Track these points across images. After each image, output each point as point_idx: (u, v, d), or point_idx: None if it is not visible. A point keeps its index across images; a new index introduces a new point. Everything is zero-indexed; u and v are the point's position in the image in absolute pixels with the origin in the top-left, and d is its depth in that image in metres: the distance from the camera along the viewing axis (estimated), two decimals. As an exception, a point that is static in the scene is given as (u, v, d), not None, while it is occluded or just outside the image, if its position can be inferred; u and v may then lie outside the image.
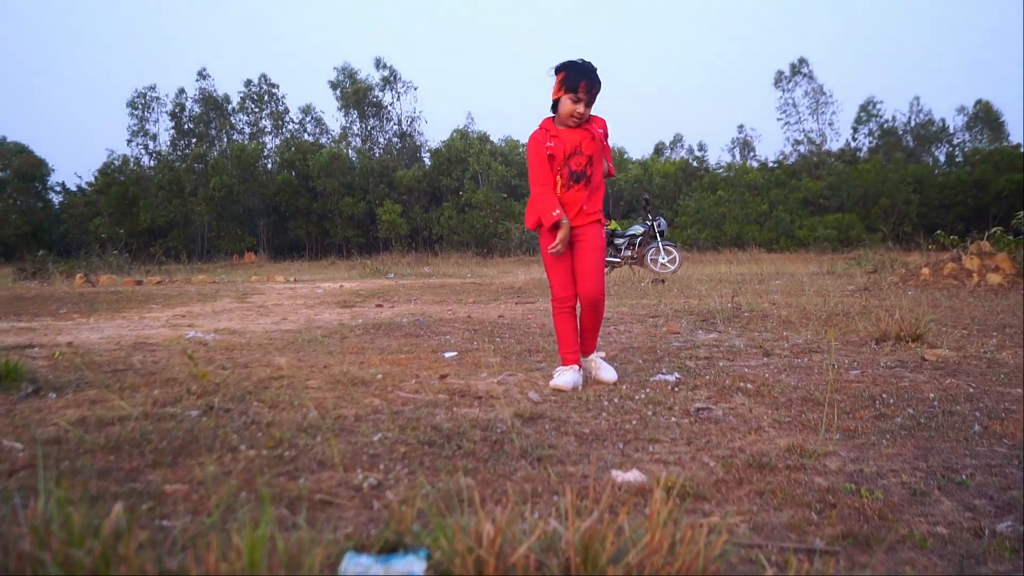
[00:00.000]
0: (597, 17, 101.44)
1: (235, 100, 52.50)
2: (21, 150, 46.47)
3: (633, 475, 2.63)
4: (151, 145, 51.24)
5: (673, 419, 3.46)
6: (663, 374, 4.51)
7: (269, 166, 49.03)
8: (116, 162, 47.86)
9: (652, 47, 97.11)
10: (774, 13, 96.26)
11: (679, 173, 48.41)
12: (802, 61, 51.99)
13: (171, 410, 3.42)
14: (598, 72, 4.19)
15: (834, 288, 10.75)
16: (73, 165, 69.74)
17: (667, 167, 49.50)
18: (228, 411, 3.41)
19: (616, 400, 3.82)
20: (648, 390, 4.06)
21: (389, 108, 53.04)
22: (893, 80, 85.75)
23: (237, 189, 45.34)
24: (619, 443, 3.07)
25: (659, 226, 17.01)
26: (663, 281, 13.21)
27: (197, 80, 52.75)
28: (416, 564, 1.81)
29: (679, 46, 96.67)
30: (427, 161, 51.25)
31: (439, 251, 38.18)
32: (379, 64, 52.78)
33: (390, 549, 1.92)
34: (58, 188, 49.29)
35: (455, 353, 5.27)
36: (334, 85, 52.38)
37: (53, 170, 48.25)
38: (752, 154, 54.91)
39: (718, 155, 72.06)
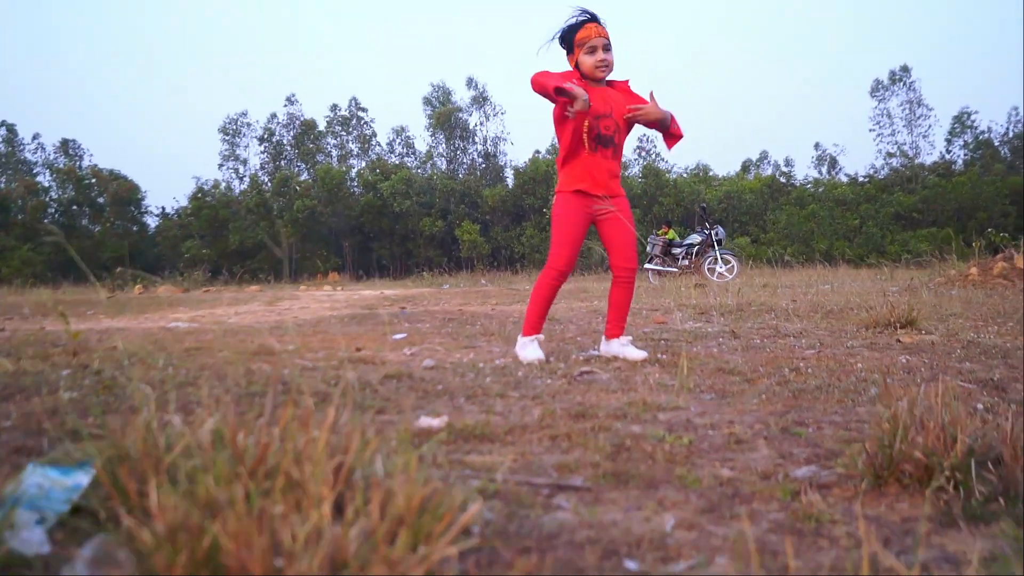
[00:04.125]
0: (681, 37, 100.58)
1: (322, 124, 53.92)
2: (116, 176, 48.49)
3: (439, 421, 2.49)
4: (241, 169, 52.97)
5: (547, 381, 3.30)
6: (593, 351, 4.33)
7: (355, 188, 49.90)
8: (207, 186, 49.50)
9: (737, 65, 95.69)
10: (861, 27, 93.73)
11: (766, 189, 47.38)
12: (905, 69, 50.23)
13: (45, 369, 3.42)
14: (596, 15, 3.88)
15: (873, 290, 10.26)
16: (168, 190, 72.68)
17: (754, 183, 48.54)
18: (99, 372, 3.39)
19: (502, 365, 3.68)
20: (554, 360, 3.89)
21: (475, 130, 53.47)
22: (987, 90, 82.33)
23: (321, 211, 46.29)
24: (461, 398, 2.93)
25: (717, 235, 16.65)
26: (704, 285, 12.86)
27: (285, 105, 54.33)
28: (85, 474, 1.76)
29: (763, 64, 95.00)
30: (510, 181, 51.39)
31: (520, 270, 38.12)
32: (471, 84, 53.30)
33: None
34: (156, 212, 51.17)
35: (404, 335, 5.18)
36: (427, 101, 53.10)
37: (145, 194, 50.13)
38: (839, 169, 53.31)
39: (805, 171, 70.15)
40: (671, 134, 4.07)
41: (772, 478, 2.04)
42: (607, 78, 3.99)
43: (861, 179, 49.04)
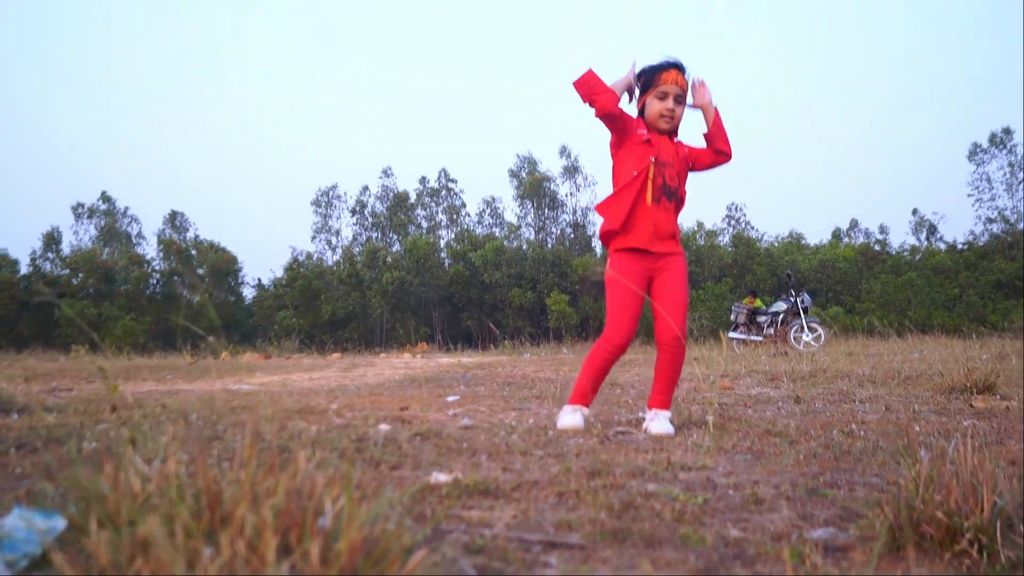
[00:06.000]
0: (772, 101, 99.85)
1: (412, 196, 55.05)
2: (216, 248, 50.11)
3: (448, 476, 2.43)
4: (333, 240, 54.35)
5: (579, 441, 3.20)
6: (642, 414, 4.20)
7: (445, 259, 50.51)
8: (300, 257, 50.84)
9: (830, 129, 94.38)
10: (959, 91, 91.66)
11: (859, 257, 46.23)
12: (1007, 131, 48.65)
13: (86, 423, 3.48)
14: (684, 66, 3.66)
15: (961, 358, 9.80)
16: (263, 262, 74.89)
17: (848, 251, 47.42)
18: (138, 426, 3.43)
19: (537, 425, 3.59)
20: (593, 422, 3.79)
21: (565, 200, 53.72)
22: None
23: (410, 282, 46.95)
24: (482, 455, 2.86)
25: (803, 302, 16.23)
26: (785, 353, 12.49)
27: (380, 178, 55.81)
28: (64, 518, 1.75)
29: (858, 129, 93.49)
30: (599, 250, 51.29)
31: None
32: (563, 153, 53.63)
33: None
34: (252, 283, 52.64)
35: (458, 397, 5.14)
36: (513, 174, 53.69)
37: (242, 265, 51.60)
38: (939, 236, 51.58)
39: (901, 238, 68.08)
40: (715, 144, 3.79)
41: (784, 540, 1.90)
42: (671, 135, 3.76)
43: (960, 246, 47.41)
